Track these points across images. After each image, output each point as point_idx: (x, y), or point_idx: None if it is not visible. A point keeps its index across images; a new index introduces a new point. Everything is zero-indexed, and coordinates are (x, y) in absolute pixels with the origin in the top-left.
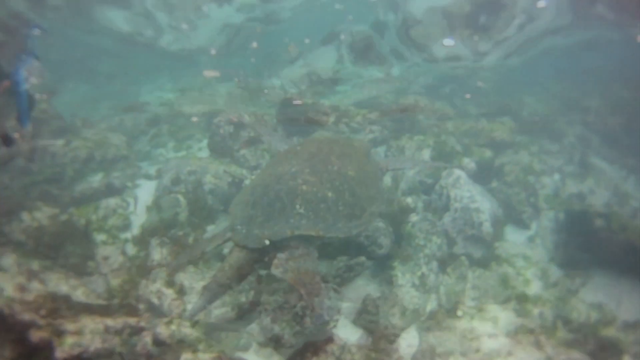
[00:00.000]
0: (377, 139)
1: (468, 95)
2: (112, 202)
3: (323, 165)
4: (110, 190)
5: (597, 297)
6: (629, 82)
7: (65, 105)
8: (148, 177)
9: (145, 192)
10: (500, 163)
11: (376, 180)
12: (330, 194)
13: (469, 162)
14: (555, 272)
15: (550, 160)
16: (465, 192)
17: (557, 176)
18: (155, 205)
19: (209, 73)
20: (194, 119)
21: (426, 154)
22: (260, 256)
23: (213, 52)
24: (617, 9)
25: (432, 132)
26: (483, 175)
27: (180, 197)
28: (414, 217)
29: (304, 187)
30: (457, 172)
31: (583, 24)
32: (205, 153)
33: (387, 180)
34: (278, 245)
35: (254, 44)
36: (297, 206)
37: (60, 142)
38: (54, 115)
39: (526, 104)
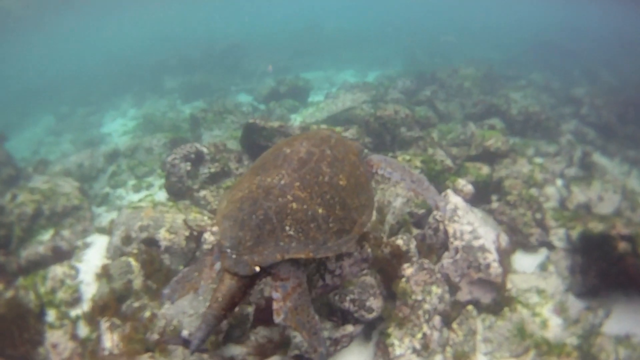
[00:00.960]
0: None
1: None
2: (60, 270)
3: (314, 176)
4: (58, 255)
5: (623, 326)
6: (612, 67)
7: (26, 143)
8: (101, 231)
9: (98, 251)
10: (499, 177)
11: (367, 185)
12: (320, 211)
13: (465, 185)
14: (574, 305)
15: (550, 165)
16: (466, 225)
17: (560, 182)
18: (105, 273)
19: None
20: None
21: None
22: (251, 281)
23: None
24: None
25: (417, 147)
26: (481, 194)
27: (132, 261)
28: (408, 270)
29: (294, 205)
30: (453, 199)
31: None
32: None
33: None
34: (268, 271)
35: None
36: (287, 227)
37: (7, 197)
38: (4, 162)
39: (513, 101)
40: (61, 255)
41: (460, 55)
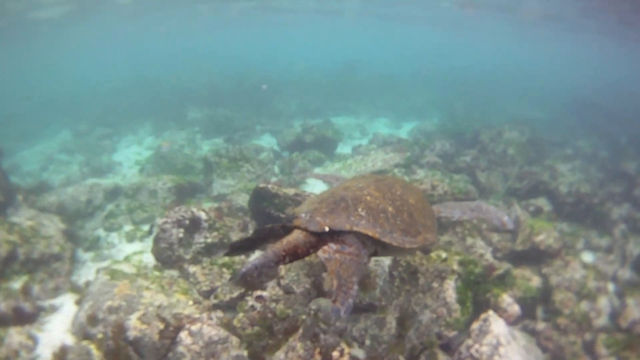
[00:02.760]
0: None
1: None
2: (17, 339)
3: (387, 188)
4: (20, 317)
5: None
6: None
7: (38, 156)
8: (76, 290)
9: (64, 320)
10: (548, 285)
11: (432, 215)
12: (390, 209)
13: (510, 305)
14: None
15: (602, 266)
16: None
17: (612, 288)
18: (61, 356)
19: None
20: None
21: (450, 287)
22: (317, 242)
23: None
24: None
25: (454, 233)
26: (527, 308)
27: (94, 349)
28: None
29: (368, 198)
30: (495, 327)
31: None
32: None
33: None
34: (335, 238)
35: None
36: (359, 209)
37: None
38: None
39: (560, 175)
40: (22, 317)
41: (500, 109)
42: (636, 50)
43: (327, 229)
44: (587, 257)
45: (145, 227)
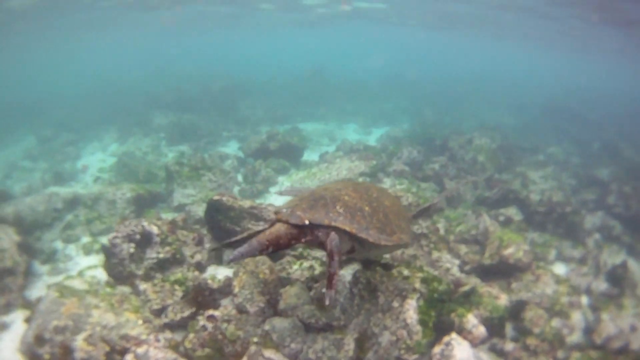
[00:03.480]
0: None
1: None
2: None
3: (364, 191)
4: None
5: None
6: (633, 140)
7: (1, 162)
8: (29, 306)
9: (14, 339)
10: (518, 300)
11: (407, 219)
12: (367, 208)
13: (475, 326)
14: None
15: (575, 278)
16: None
17: (585, 302)
18: None
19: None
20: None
21: (411, 307)
22: (298, 235)
23: None
24: None
25: (419, 247)
26: (494, 329)
27: None
28: None
29: (346, 198)
30: (458, 352)
31: None
32: None
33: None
34: (314, 233)
35: None
36: (338, 207)
37: None
38: None
39: (532, 182)
40: None
41: (471, 114)
42: (609, 58)
43: (307, 222)
44: (560, 268)
45: (103, 239)
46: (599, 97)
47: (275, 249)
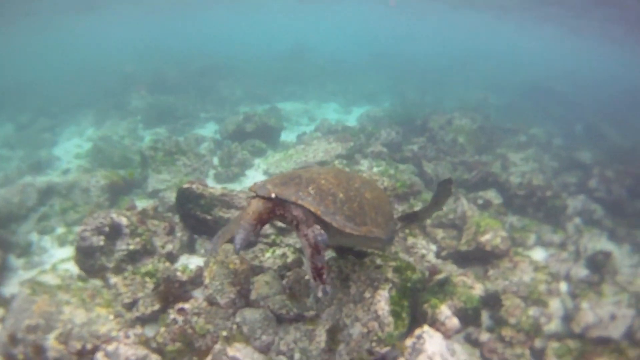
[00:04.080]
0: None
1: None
2: None
3: (346, 179)
4: None
5: None
6: (617, 122)
7: None
8: (4, 304)
9: None
10: (494, 290)
11: (388, 215)
12: (341, 195)
13: (449, 317)
14: None
15: (554, 264)
16: None
17: (565, 288)
18: None
19: None
20: None
21: (382, 298)
22: (272, 209)
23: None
24: None
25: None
26: (469, 321)
27: None
28: None
29: (322, 182)
30: (429, 346)
31: None
32: None
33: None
34: (287, 210)
35: None
36: (310, 188)
37: None
38: None
39: (512, 164)
40: None
41: (453, 94)
42: (592, 39)
43: (273, 195)
44: (539, 253)
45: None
46: (584, 79)
47: (262, 224)
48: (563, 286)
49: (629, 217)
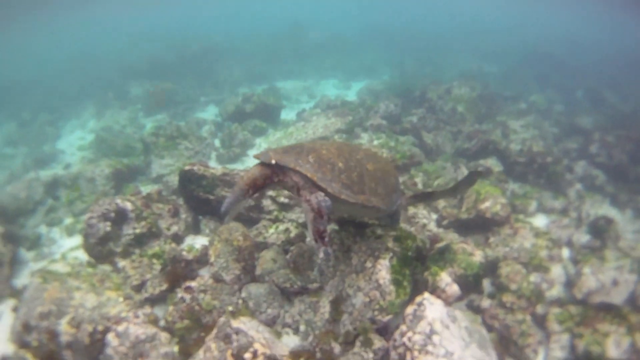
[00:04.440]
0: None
1: None
2: None
3: (348, 151)
4: None
5: None
6: (618, 87)
7: None
8: (17, 295)
9: (4, 328)
10: (495, 257)
11: (390, 187)
12: (340, 165)
13: (449, 284)
14: None
15: (556, 231)
16: (442, 358)
17: (567, 254)
18: None
19: None
20: None
21: (383, 267)
22: (271, 175)
23: None
24: None
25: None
26: (470, 288)
27: (29, 357)
28: None
29: (323, 152)
30: (429, 312)
31: None
32: None
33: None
34: (286, 175)
35: None
36: (310, 157)
37: None
38: None
39: (513, 132)
40: None
41: (452, 64)
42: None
43: (273, 162)
44: (541, 220)
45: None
46: (584, 44)
47: (255, 190)
48: (565, 252)
49: (631, 182)
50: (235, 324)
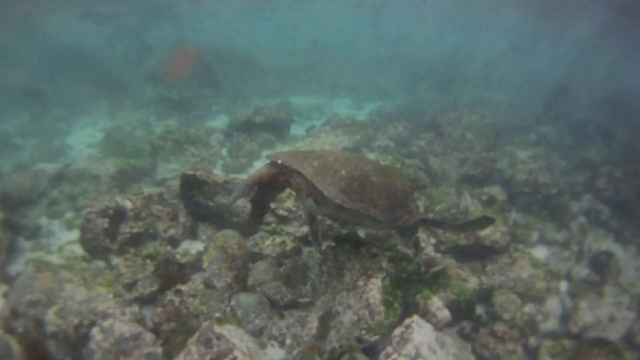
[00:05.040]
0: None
1: None
2: None
3: (355, 161)
4: None
5: None
6: (631, 124)
7: None
8: (10, 282)
9: None
10: (490, 285)
11: (394, 201)
12: (343, 172)
13: (440, 309)
14: None
15: (556, 263)
16: None
17: (565, 288)
18: None
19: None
20: None
21: (375, 286)
22: (277, 174)
23: None
24: None
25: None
26: (462, 315)
27: (14, 344)
28: None
29: (331, 159)
30: (417, 336)
31: None
32: None
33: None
34: (291, 176)
35: None
36: (315, 162)
37: None
38: None
39: (520, 162)
40: None
41: (465, 92)
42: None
43: (280, 161)
44: (542, 252)
45: None
46: (600, 79)
47: (260, 187)
48: (563, 285)
49: (637, 218)
50: (217, 329)
